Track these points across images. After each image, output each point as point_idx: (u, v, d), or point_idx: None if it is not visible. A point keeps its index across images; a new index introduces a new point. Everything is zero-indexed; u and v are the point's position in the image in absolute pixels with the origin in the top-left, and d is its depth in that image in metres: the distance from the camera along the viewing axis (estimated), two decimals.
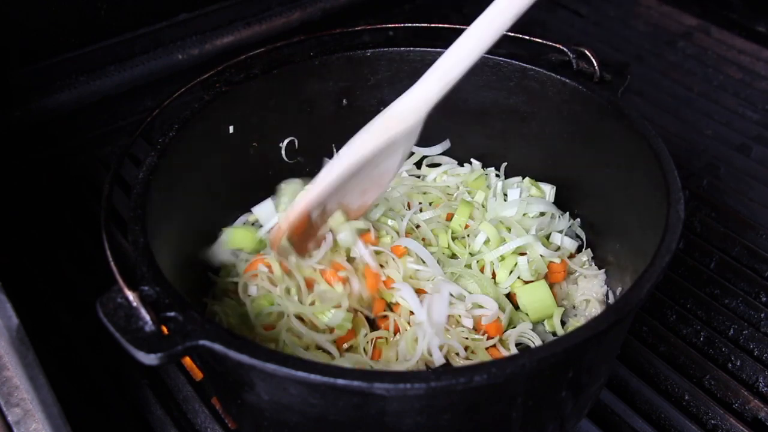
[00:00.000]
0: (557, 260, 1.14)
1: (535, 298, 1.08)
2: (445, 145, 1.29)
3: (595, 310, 1.11)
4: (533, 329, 1.07)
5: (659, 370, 1.13)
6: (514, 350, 1.04)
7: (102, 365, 1.13)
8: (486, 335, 1.04)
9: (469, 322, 1.03)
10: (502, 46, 1.68)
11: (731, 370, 1.15)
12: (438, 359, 0.99)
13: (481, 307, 1.06)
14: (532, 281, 1.12)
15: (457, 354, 1.01)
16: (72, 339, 1.17)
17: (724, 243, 1.36)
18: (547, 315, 1.09)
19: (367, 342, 1.03)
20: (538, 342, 1.05)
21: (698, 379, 1.13)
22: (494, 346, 1.04)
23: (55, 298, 1.23)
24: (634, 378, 1.11)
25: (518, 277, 1.12)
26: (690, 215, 1.40)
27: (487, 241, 1.14)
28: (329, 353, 1.01)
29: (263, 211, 1.19)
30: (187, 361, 1.14)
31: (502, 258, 1.12)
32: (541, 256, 1.12)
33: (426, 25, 1.23)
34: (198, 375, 1.12)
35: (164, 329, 0.75)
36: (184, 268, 1.02)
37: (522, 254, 1.12)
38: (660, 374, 1.13)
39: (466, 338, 1.03)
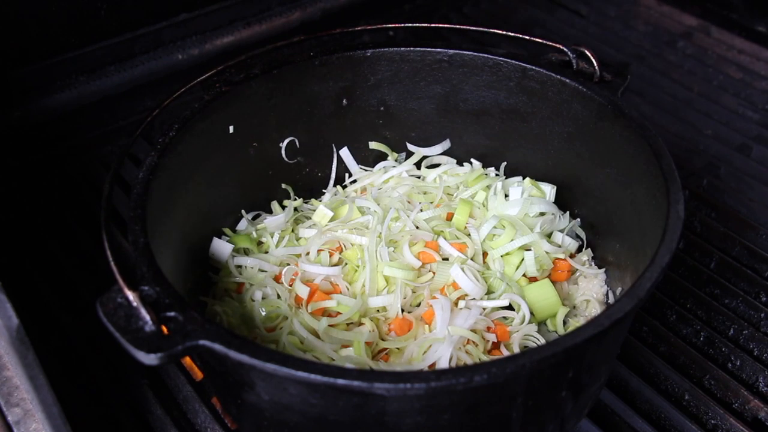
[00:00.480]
0: (562, 255, 1.14)
1: (542, 296, 1.08)
2: (445, 145, 1.29)
3: (595, 310, 1.11)
4: (537, 331, 1.07)
5: (659, 370, 1.13)
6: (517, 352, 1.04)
7: (102, 365, 1.13)
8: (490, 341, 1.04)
9: (491, 336, 1.03)
10: (502, 45, 1.68)
11: (731, 370, 1.15)
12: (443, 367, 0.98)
13: (502, 309, 1.07)
14: (536, 279, 1.12)
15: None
16: (72, 339, 1.17)
17: (724, 243, 1.36)
18: (553, 313, 1.09)
19: (373, 347, 1.03)
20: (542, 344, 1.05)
21: (698, 379, 1.13)
22: (497, 347, 1.04)
23: (55, 298, 1.23)
24: (634, 378, 1.11)
25: (523, 275, 1.12)
26: (690, 215, 1.40)
27: (490, 237, 1.14)
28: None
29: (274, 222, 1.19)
30: (187, 361, 1.14)
31: (507, 254, 1.12)
32: (546, 252, 1.12)
33: (426, 25, 1.23)
34: (198, 375, 1.12)
35: (164, 329, 0.75)
36: (184, 268, 1.02)
37: (527, 250, 1.12)
38: (660, 374, 1.13)
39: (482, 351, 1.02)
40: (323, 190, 1.30)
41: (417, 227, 1.16)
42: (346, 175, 1.30)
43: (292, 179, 1.25)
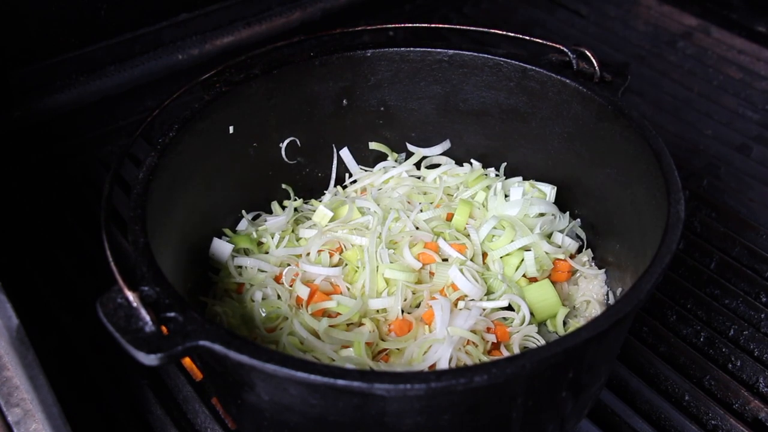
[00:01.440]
0: (562, 256, 1.14)
1: (542, 297, 1.08)
2: (445, 145, 1.29)
3: (595, 311, 1.11)
4: (537, 331, 1.06)
5: (659, 371, 1.13)
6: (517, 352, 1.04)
7: (102, 365, 1.13)
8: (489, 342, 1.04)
9: (491, 337, 1.03)
10: (502, 45, 1.68)
11: (731, 371, 1.15)
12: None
13: (503, 309, 1.07)
14: (536, 279, 1.12)
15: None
16: (72, 339, 1.17)
17: (724, 243, 1.35)
18: (553, 314, 1.09)
19: (373, 347, 1.03)
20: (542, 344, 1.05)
21: (698, 379, 1.13)
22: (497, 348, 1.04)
23: (55, 298, 1.23)
24: (635, 378, 1.11)
25: (523, 275, 1.12)
26: (690, 215, 1.40)
27: (490, 238, 1.14)
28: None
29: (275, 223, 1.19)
30: (187, 361, 1.14)
31: (507, 255, 1.12)
32: (546, 253, 1.12)
33: (426, 25, 1.23)
34: (198, 375, 1.12)
35: (164, 329, 0.75)
36: (184, 268, 1.02)
37: (527, 251, 1.12)
38: (660, 375, 1.13)
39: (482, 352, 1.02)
40: (323, 191, 1.30)
41: (417, 228, 1.16)
42: (346, 175, 1.30)
43: (292, 179, 1.25)
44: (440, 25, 1.24)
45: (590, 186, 1.15)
